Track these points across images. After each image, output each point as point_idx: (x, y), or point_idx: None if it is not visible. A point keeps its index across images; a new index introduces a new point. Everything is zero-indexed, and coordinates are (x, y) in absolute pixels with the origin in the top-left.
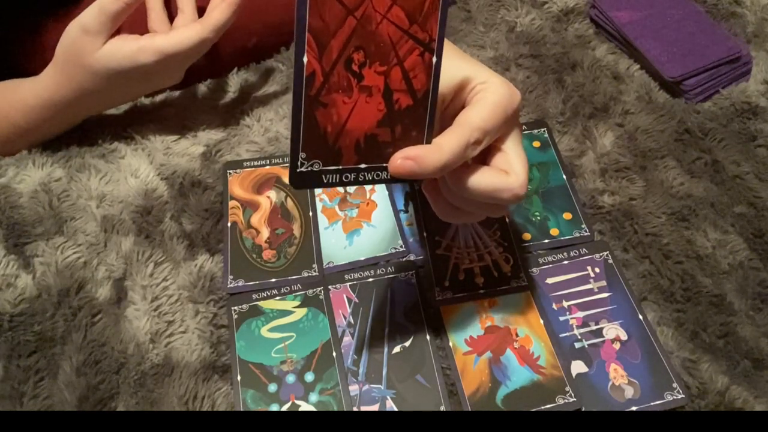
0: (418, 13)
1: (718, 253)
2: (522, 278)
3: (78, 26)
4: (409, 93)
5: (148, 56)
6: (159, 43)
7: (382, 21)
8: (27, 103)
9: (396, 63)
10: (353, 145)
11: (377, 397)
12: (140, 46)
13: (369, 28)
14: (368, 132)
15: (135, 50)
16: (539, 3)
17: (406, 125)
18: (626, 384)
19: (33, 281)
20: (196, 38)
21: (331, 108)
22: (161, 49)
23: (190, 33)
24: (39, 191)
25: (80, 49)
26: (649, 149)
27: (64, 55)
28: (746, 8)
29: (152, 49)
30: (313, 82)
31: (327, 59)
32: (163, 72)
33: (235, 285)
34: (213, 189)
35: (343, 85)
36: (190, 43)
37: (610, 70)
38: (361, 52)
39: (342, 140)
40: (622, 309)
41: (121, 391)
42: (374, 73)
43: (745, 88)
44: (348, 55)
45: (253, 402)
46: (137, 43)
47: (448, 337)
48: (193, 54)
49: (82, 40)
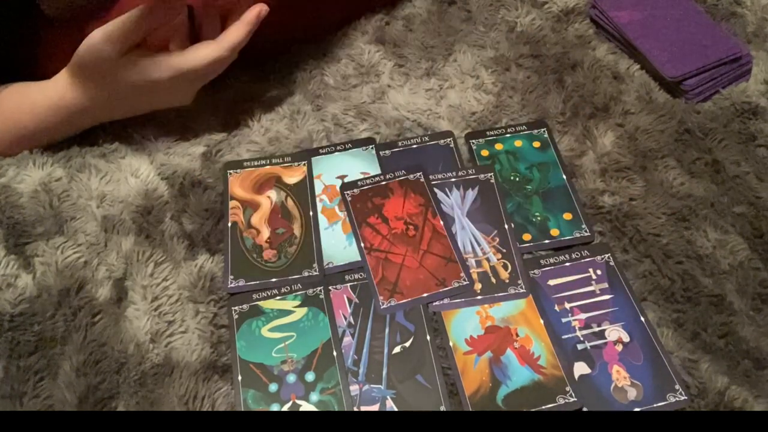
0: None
1: (718, 253)
2: (520, 285)
3: (101, 34)
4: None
5: (162, 71)
6: (174, 60)
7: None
8: (37, 106)
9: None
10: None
11: (377, 397)
12: (156, 61)
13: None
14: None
15: (150, 64)
16: (539, 3)
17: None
18: (629, 386)
19: (33, 281)
20: (211, 57)
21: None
22: (176, 65)
23: (206, 52)
24: (39, 191)
25: (98, 58)
26: (649, 149)
27: (81, 61)
28: (746, 8)
29: (167, 64)
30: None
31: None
32: (175, 89)
33: (235, 285)
34: (213, 189)
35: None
36: (205, 62)
37: (610, 70)
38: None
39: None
40: (624, 311)
41: (121, 391)
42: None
43: (745, 88)
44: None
45: (254, 402)
46: (153, 58)
47: (449, 337)
48: (208, 72)
49: (102, 48)
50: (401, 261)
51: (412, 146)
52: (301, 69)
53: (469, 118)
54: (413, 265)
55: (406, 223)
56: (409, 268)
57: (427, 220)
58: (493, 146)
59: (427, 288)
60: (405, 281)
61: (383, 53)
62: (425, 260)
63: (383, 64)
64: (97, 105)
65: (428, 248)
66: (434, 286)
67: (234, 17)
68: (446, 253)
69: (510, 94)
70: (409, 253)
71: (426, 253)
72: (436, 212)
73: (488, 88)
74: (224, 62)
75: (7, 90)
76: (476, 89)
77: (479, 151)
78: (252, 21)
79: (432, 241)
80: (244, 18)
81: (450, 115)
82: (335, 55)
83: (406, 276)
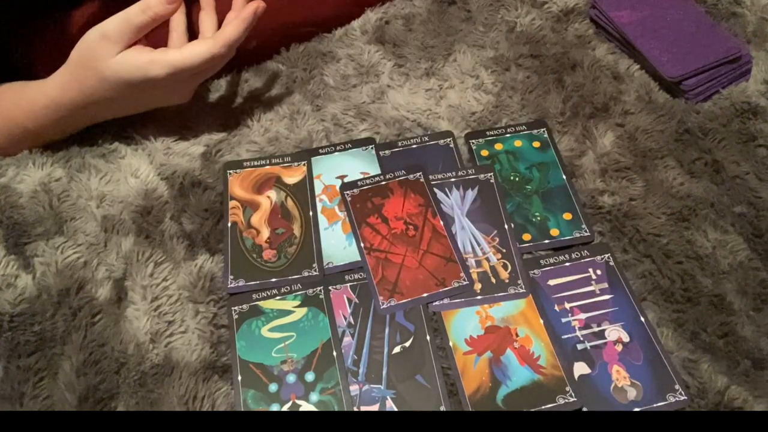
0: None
1: (718, 253)
2: (520, 285)
3: (98, 32)
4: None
5: (159, 69)
6: (171, 57)
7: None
8: (35, 104)
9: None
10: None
11: (377, 397)
12: (152, 58)
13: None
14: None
15: (147, 62)
16: (539, 3)
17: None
18: (629, 386)
19: (33, 281)
20: (207, 53)
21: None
22: (172, 62)
23: (202, 48)
24: (39, 191)
25: (95, 55)
26: (649, 149)
27: (78, 58)
28: (746, 8)
29: (163, 61)
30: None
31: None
32: (172, 86)
33: (235, 285)
34: (213, 189)
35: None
36: (201, 58)
37: (610, 70)
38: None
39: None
40: (623, 311)
41: (121, 391)
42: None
43: (745, 88)
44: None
45: (253, 402)
46: (150, 56)
47: (449, 337)
48: (205, 69)
49: (99, 45)
50: (401, 261)
51: (411, 146)
52: (301, 69)
53: (469, 118)
54: (413, 265)
55: (405, 223)
56: (409, 268)
57: (426, 220)
58: (493, 146)
59: (426, 288)
60: (405, 281)
61: (383, 53)
62: (425, 260)
63: (383, 64)
64: (94, 103)
65: (428, 248)
66: (434, 286)
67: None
68: (446, 253)
69: (510, 94)
70: (408, 253)
71: (426, 253)
72: (436, 212)
73: (488, 88)
74: (221, 59)
75: (3, 88)
76: (476, 89)
77: (479, 151)
78: (248, 18)
79: (432, 241)
80: (240, 15)
81: (450, 115)
82: (335, 55)
83: (406, 276)
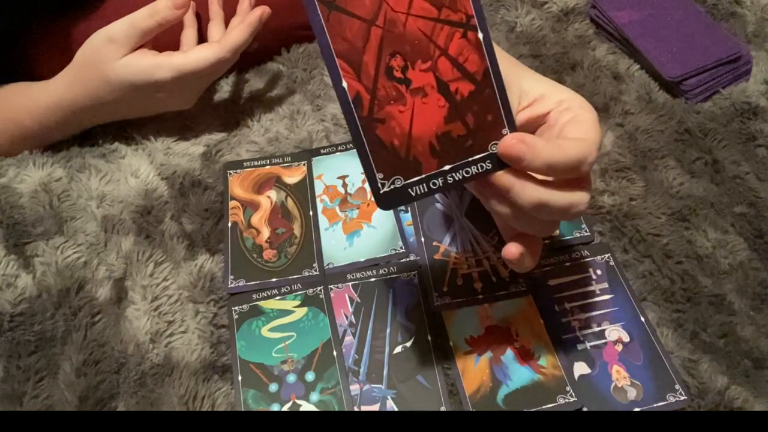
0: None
1: (718, 253)
2: (521, 283)
3: (105, 34)
4: (467, 78)
5: (164, 72)
6: (176, 61)
7: (408, 19)
8: (38, 105)
9: (440, 54)
10: (428, 149)
11: (378, 397)
12: (157, 62)
13: (397, 30)
14: (438, 132)
15: (152, 65)
16: (539, 3)
17: (476, 111)
18: (629, 386)
19: (33, 281)
20: (212, 58)
21: (390, 121)
22: (178, 66)
23: (207, 52)
24: (39, 191)
25: (100, 57)
26: (649, 149)
27: (83, 60)
28: (746, 8)
29: (169, 65)
30: (361, 103)
31: (366, 76)
32: (177, 91)
33: (235, 285)
34: (213, 189)
35: (392, 95)
36: (206, 62)
37: (610, 70)
38: (398, 57)
39: (414, 149)
40: (623, 311)
41: (121, 391)
42: (420, 72)
43: (745, 88)
44: (386, 64)
45: (254, 402)
46: (155, 59)
47: (449, 336)
48: (210, 74)
49: (105, 48)
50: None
51: None
52: (301, 69)
53: None
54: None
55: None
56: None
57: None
58: None
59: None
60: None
61: None
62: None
63: None
64: (98, 105)
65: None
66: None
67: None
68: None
69: None
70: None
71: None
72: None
73: None
74: (226, 63)
75: (7, 89)
76: None
77: None
78: (254, 23)
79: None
80: (246, 20)
81: None
82: None
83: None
